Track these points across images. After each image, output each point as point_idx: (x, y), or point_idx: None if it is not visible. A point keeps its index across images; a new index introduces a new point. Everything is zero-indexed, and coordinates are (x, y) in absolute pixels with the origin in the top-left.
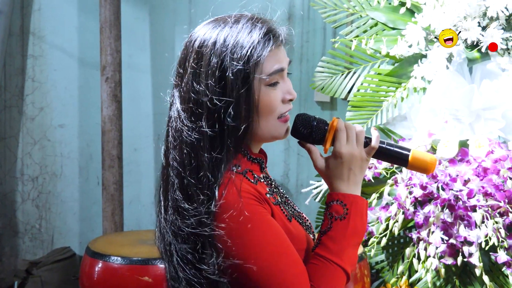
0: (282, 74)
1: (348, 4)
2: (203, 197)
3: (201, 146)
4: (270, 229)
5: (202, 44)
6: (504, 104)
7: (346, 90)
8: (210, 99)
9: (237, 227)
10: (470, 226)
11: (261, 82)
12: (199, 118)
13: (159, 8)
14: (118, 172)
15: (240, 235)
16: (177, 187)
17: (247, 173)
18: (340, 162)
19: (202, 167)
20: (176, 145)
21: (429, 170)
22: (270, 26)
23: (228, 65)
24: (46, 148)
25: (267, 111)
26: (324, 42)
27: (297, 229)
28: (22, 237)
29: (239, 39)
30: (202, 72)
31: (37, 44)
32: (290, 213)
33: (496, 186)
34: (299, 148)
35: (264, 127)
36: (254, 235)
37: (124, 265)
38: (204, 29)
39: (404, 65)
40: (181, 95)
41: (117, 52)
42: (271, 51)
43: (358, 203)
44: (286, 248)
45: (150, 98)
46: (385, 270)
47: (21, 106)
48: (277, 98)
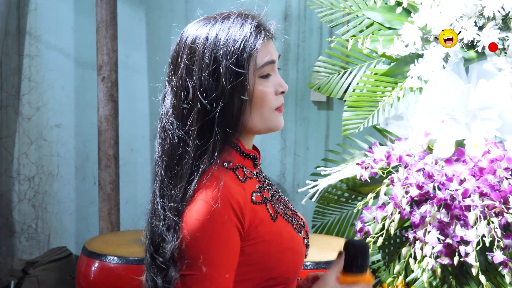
0: (273, 67)
1: (344, 3)
2: (177, 192)
3: (188, 139)
4: (225, 248)
5: (194, 40)
6: (500, 104)
7: (342, 89)
8: (202, 92)
9: (199, 231)
10: (466, 225)
11: (255, 74)
12: (190, 112)
13: (155, 8)
14: (115, 172)
15: (196, 240)
16: (158, 179)
17: (237, 169)
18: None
19: (185, 158)
20: (164, 138)
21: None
22: (260, 20)
23: (221, 59)
24: (42, 148)
25: (261, 103)
26: (321, 41)
27: (283, 228)
28: (18, 236)
29: (231, 33)
30: (195, 66)
31: (33, 44)
32: (278, 212)
33: (491, 186)
34: (295, 147)
35: (258, 119)
36: (208, 246)
37: (121, 265)
38: (195, 27)
39: (400, 64)
40: (173, 90)
41: (114, 52)
42: (263, 43)
43: None
44: (226, 262)
45: (147, 98)
46: (382, 269)
47: (18, 106)
48: (270, 90)
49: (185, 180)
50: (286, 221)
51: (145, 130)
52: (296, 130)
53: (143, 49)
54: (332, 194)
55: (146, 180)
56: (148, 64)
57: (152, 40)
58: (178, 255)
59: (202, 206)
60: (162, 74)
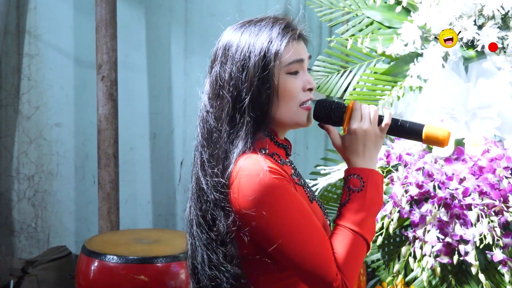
0: (302, 65)
1: (343, 2)
2: (219, 168)
3: (221, 125)
4: (294, 200)
5: (230, 39)
6: (500, 103)
7: (342, 89)
8: (233, 84)
9: (261, 196)
10: (466, 224)
11: (281, 70)
12: (223, 101)
13: (155, 7)
14: (114, 171)
15: (264, 204)
16: (198, 161)
17: (274, 155)
18: (355, 138)
19: (219, 143)
20: (202, 125)
21: (443, 144)
22: (288, 22)
23: (251, 55)
24: (42, 147)
25: (288, 97)
26: (320, 41)
27: (317, 211)
28: (18, 236)
29: (261, 33)
30: (228, 61)
31: (33, 43)
32: (312, 196)
33: (491, 185)
34: (295, 146)
35: (286, 112)
36: (278, 205)
37: (120, 264)
38: (232, 28)
39: (400, 64)
40: (210, 82)
41: (113, 51)
42: (290, 43)
43: (373, 176)
44: (309, 219)
45: (146, 97)
46: (381, 269)
47: (17, 105)
48: (298, 86)
49: (221, 163)
50: (318, 205)
51: (145, 129)
52: (296, 129)
53: (142, 48)
54: (331, 193)
55: (146, 179)
56: (148, 63)
57: (151, 39)
58: (244, 235)
59: (251, 182)
60: (162, 73)
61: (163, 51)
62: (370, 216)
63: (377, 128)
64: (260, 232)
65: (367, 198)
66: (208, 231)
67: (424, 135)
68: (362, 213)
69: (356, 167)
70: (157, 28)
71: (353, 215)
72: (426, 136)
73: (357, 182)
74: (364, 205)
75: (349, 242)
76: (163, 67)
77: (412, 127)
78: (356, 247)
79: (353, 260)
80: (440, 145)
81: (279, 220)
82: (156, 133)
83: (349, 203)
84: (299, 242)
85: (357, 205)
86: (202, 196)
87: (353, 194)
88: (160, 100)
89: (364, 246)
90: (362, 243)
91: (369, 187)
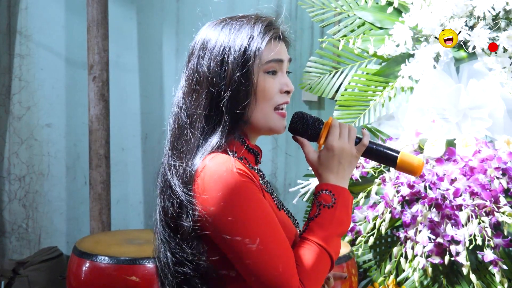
0: (281, 66)
1: (335, 3)
2: (182, 170)
3: (196, 122)
4: (260, 205)
5: (209, 34)
6: (490, 104)
7: (333, 89)
8: (211, 79)
9: (226, 195)
10: (457, 225)
11: (260, 68)
12: (199, 97)
13: (146, 7)
14: (106, 171)
15: (228, 204)
16: (166, 158)
17: (243, 159)
18: (332, 155)
19: (191, 139)
20: (173, 121)
21: (416, 173)
22: (271, 21)
23: (230, 51)
24: (33, 148)
25: (264, 97)
26: (312, 41)
27: (286, 220)
28: (9, 236)
29: (242, 29)
30: (206, 56)
31: (24, 43)
32: (280, 204)
33: (482, 186)
34: (287, 147)
35: (261, 115)
36: (242, 206)
37: (112, 265)
38: (212, 23)
39: (391, 64)
40: (185, 77)
41: (105, 51)
42: (271, 41)
43: (345, 195)
44: (273, 227)
45: (138, 97)
46: (373, 269)
47: (8, 105)
48: (275, 86)
49: (190, 160)
50: (286, 214)
51: (136, 129)
52: None
53: (134, 48)
54: None
55: (137, 179)
56: (139, 63)
57: (143, 39)
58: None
59: (217, 180)
60: (153, 73)
61: (155, 51)
62: (337, 235)
63: (354, 148)
64: (221, 233)
65: (336, 216)
66: (172, 228)
67: (398, 161)
68: (330, 230)
69: (329, 183)
70: (149, 28)
71: (321, 231)
72: (401, 162)
73: (329, 198)
74: (333, 222)
75: (315, 257)
76: (155, 67)
77: (387, 152)
78: (321, 262)
79: (317, 275)
80: (413, 173)
81: (240, 222)
82: (148, 133)
83: (318, 218)
84: (261, 248)
85: (326, 221)
86: (167, 193)
87: (323, 209)
88: (152, 100)
89: (328, 263)
90: (327, 259)
91: (339, 204)
